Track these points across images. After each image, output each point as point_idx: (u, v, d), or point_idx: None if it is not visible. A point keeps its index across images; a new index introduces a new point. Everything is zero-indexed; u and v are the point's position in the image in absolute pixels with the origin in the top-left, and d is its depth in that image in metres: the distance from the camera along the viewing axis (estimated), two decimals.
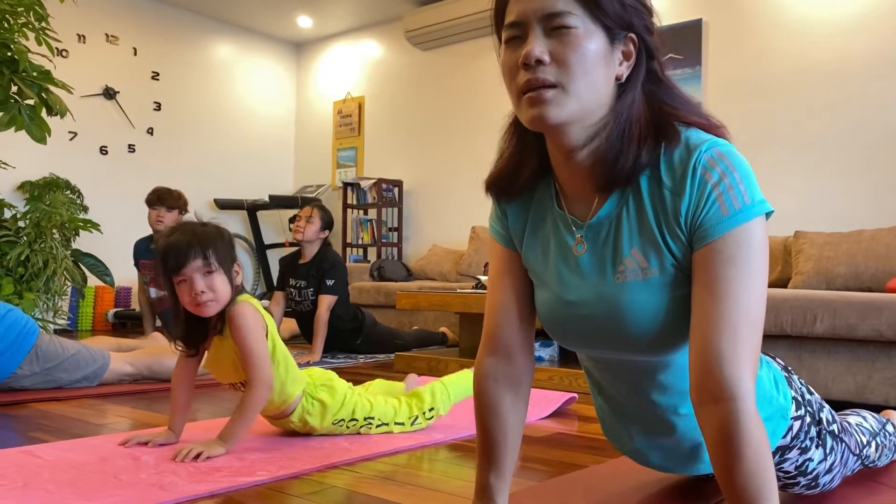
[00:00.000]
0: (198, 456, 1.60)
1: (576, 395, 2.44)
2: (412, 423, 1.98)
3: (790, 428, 1.16)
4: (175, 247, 1.66)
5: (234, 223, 6.41)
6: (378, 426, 1.95)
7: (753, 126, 4.24)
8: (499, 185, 1.11)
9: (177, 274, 1.67)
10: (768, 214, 0.95)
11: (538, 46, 0.92)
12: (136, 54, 5.86)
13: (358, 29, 6.57)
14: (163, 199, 4.01)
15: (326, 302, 3.78)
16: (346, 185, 6.14)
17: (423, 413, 2.00)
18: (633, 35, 0.96)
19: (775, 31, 4.27)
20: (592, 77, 0.93)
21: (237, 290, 1.75)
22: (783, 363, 1.25)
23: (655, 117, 0.97)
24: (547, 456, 1.78)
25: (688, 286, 0.97)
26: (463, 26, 5.62)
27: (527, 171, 1.08)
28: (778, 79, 4.24)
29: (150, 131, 5.95)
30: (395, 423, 1.97)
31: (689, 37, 4.50)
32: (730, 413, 0.88)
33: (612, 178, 0.98)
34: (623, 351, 1.05)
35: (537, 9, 0.93)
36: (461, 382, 2.11)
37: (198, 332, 1.77)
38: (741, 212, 0.93)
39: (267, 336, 1.77)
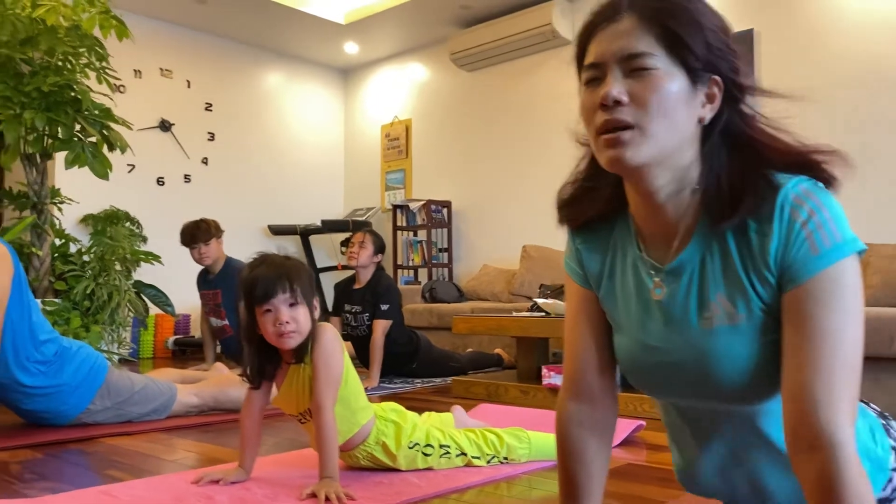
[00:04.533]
0: (338, 498, 1.60)
1: (643, 422, 2.38)
2: (489, 461, 1.95)
3: (890, 480, 1.10)
4: (263, 278, 1.69)
5: (288, 248, 6.50)
6: (458, 455, 1.92)
7: (811, 136, 4.13)
8: (566, 210, 1.09)
9: (263, 304, 1.69)
10: (861, 253, 0.91)
11: (616, 87, 0.90)
12: (189, 87, 6.02)
13: (403, 53, 6.64)
14: (195, 237, 3.99)
15: (382, 326, 3.80)
16: (395, 207, 6.19)
17: (500, 457, 1.96)
18: (717, 77, 0.94)
19: (831, 36, 4.16)
20: (672, 119, 0.90)
21: (315, 324, 1.77)
22: (879, 409, 1.19)
23: (744, 163, 0.94)
24: (619, 489, 1.74)
25: (778, 331, 0.93)
26: (507, 46, 5.64)
27: (597, 203, 1.06)
28: (836, 86, 4.12)
29: (205, 161, 6.09)
30: (474, 457, 1.94)
31: (740, 48, 4.41)
32: (829, 462, 0.84)
33: (701, 225, 0.95)
34: (711, 399, 1.01)
35: (616, 50, 0.91)
36: (549, 446, 2.00)
37: (270, 363, 1.80)
38: (832, 251, 0.89)
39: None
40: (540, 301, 3.43)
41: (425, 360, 4.05)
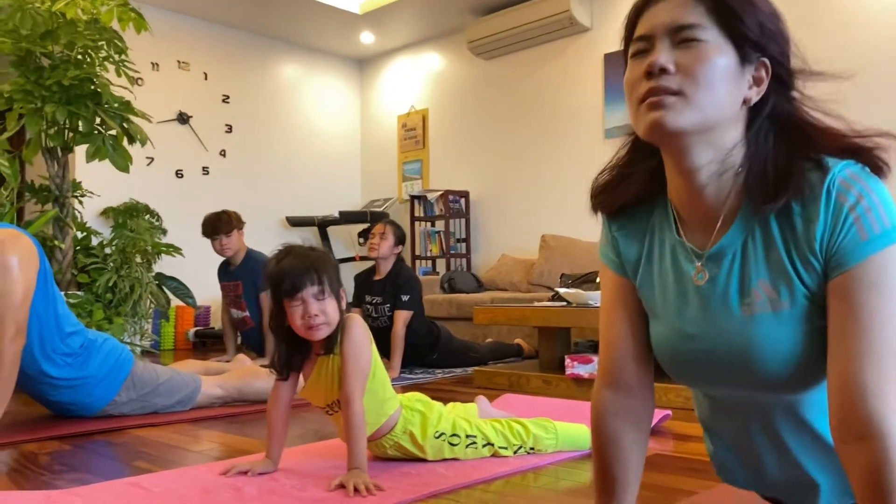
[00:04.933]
0: (367, 489, 1.59)
1: (669, 411, 2.36)
2: (515, 452, 1.94)
3: None
4: (291, 271, 1.69)
5: (306, 240, 6.51)
6: (484, 445, 1.92)
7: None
8: (601, 197, 1.08)
9: (292, 298, 1.69)
10: None
11: (663, 55, 0.89)
12: (206, 79, 6.03)
13: (420, 42, 6.61)
14: (217, 228, 4.01)
15: (402, 317, 3.79)
16: (412, 197, 6.17)
17: (526, 447, 1.95)
18: (766, 60, 0.92)
19: (856, 17, 4.09)
20: (717, 91, 0.89)
21: (343, 315, 1.77)
22: None
23: (791, 147, 0.93)
24: (648, 480, 1.72)
25: (822, 319, 0.91)
26: (525, 34, 5.59)
27: (633, 187, 1.04)
28: (864, 70, 4.05)
29: (223, 153, 6.11)
30: (500, 447, 1.93)
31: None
32: (879, 452, 0.83)
33: (744, 209, 0.93)
34: (750, 388, 0.99)
35: (667, 22, 0.90)
36: (576, 436, 2.01)
37: (298, 354, 1.80)
38: (882, 236, 0.87)
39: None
40: (562, 291, 3.41)
41: (446, 350, 4.04)
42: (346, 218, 6.20)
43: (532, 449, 1.95)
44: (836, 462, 1.05)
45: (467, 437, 1.90)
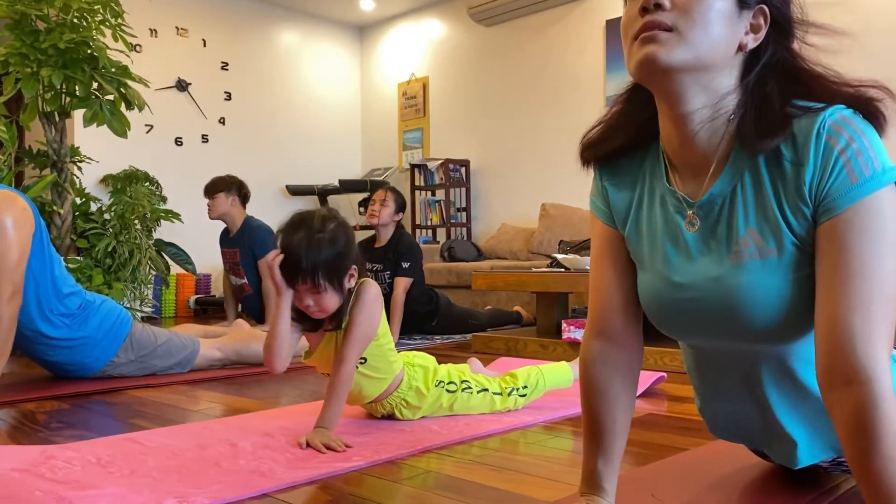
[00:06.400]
0: (331, 448, 1.59)
1: (664, 374, 2.37)
2: (508, 395, 1.99)
3: None
4: (290, 258, 1.64)
5: (306, 209, 6.50)
6: (479, 391, 1.96)
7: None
8: (590, 150, 1.07)
9: (291, 280, 1.67)
10: None
11: None
12: (205, 46, 5.98)
13: (420, 9, 6.53)
14: (206, 190, 4.04)
15: (402, 284, 3.80)
16: (413, 166, 6.14)
17: (518, 390, 2.00)
18: (765, 7, 0.91)
19: None
20: (712, 31, 0.88)
21: (349, 294, 1.75)
22: None
23: (785, 94, 0.92)
24: (641, 438, 1.74)
25: (810, 266, 0.91)
26: None
27: (620, 137, 1.04)
28: (878, 31, 4.00)
29: (222, 121, 6.07)
30: (494, 394, 1.97)
31: None
32: (865, 396, 0.82)
33: (735, 156, 0.92)
34: (738, 339, 0.98)
35: None
36: (559, 374, 2.11)
37: (309, 321, 1.78)
38: (872, 179, 0.86)
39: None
40: (560, 256, 3.40)
41: (445, 318, 4.05)
42: (347, 187, 6.18)
43: (525, 387, 2.01)
44: (814, 419, 1.06)
45: (462, 382, 1.95)
